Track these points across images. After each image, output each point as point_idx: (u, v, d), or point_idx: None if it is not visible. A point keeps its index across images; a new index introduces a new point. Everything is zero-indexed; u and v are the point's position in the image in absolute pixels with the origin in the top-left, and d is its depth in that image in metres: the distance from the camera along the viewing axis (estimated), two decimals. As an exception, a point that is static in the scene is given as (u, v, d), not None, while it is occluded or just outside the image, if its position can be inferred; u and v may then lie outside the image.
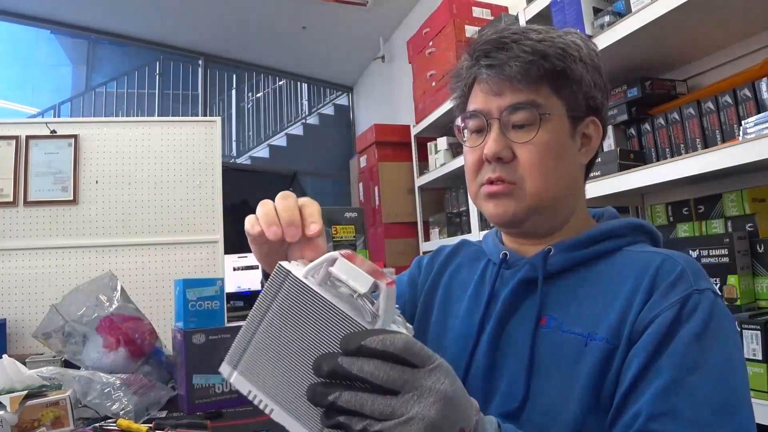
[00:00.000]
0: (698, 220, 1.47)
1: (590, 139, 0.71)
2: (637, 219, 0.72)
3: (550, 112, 0.66)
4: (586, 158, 0.72)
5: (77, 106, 4.87)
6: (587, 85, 0.67)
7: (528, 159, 0.65)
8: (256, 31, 4.25)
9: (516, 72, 0.64)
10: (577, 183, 0.72)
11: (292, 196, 0.56)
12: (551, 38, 0.66)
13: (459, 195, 2.79)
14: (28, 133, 2.12)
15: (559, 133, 0.67)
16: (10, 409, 0.99)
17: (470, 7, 2.56)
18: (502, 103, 0.66)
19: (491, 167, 0.67)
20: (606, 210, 0.76)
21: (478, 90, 0.69)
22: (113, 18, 4.02)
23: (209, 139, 2.29)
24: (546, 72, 0.65)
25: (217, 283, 1.37)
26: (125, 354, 1.33)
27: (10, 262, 2.03)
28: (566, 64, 0.65)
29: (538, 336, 0.64)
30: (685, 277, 0.59)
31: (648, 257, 0.63)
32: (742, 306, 1.23)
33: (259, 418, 1.20)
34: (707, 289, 0.59)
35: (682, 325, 0.56)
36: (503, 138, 0.66)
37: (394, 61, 4.26)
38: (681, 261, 0.61)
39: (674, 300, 0.57)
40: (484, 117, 0.68)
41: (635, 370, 0.56)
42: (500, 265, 0.73)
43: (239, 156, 5.54)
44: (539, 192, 0.66)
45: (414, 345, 0.41)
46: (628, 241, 0.68)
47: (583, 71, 0.67)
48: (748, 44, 1.43)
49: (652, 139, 1.52)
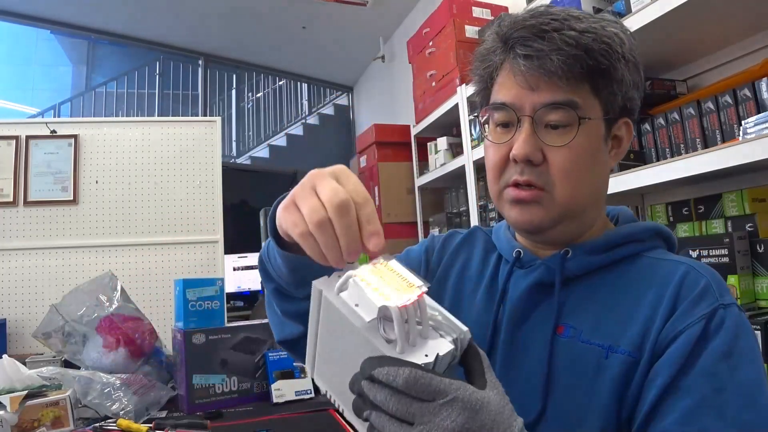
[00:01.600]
0: (698, 220, 1.47)
1: (621, 141, 0.66)
2: (656, 223, 0.68)
3: (589, 116, 0.60)
4: (615, 161, 0.67)
5: (77, 106, 4.87)
6: (627, 85, 0.62)
7: (561, 164, 0.60)
8: (256, 31, 4.25)
9: (557, 67, 0.57)
10: (605, 189, 0.67)
11: (349, 201, 0.46)
12: (594, 30, 0.59)
13: (459, 195, 2.78)
14: (28, 133, 2.12)
15: (594, 138, 0.62)
16: (10, 409, 0.99)
17: (470, 7, 2.56)
18: (537, 99, 0.60)
19: (518, 168, 0.61)
20: (621, 210, 0.72)
21: (509, 80, 0.62)
22: (113, 18, 4.02)
23: (209, 139, 2.29)
24: (589, 69, 0.58)
25: (217, 283, 1.37)
26: (125, 354, 1.33)
27: (10, 262, 2.03)
28: (610, 62, 0.59)
29: (555, 345, 0.61)
30: (710, 291, 0.56)
31: (671, 267, 0.60)
32: (742, 306, 1.23)
33: (259, 418, 1.20)
34: (732, 303, 0.56)
35: (709, 341, 0.54)
36: (535, 138, 0.60)
37: (394, 61, 4.26)
38: (705, 273, 0.58)
39: (701, 314, 0.55)
40: (515, 112, 0.61)
41: (660, 388, 0.53)
42: (513, 264, 0.69)
43: (239, 156, 5.55)
44: (569, 201, 0.61)
45: (417, 381, 0.40)
46: (648, 247, 0.65)
47: (625, 70, 0.61)
48: (748, 44, 1.43)
49: (652, 139, 1.52)
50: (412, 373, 0.40)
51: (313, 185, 0.48)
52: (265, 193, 3.85)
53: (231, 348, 1.33)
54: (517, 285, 0.67)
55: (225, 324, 1.39)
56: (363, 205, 0.47)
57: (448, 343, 0.45)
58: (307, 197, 0.48)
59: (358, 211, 0.47)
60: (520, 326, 0.65)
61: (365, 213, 0.47)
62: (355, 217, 0.46)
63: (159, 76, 5.02)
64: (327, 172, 0.50)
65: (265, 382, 1.35)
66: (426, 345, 0.44)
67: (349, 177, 0.49)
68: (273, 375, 1.35)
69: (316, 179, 0.49)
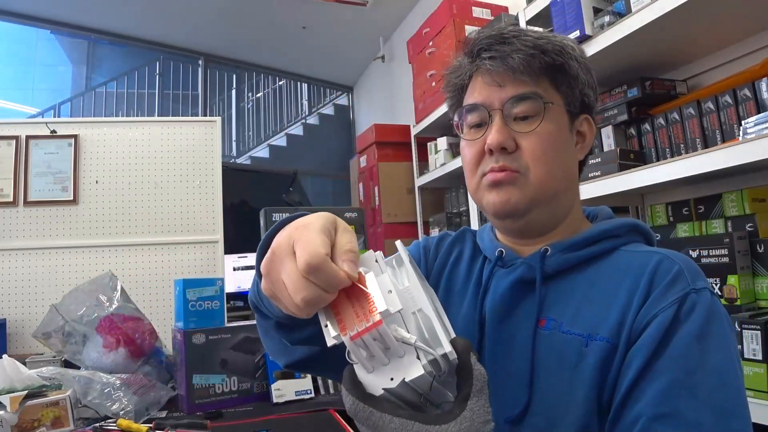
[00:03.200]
0: (698, 220, 1.47)
1: (584, 137, 0.72)
2: (632, 219, 0.71)
3: (553, 101, 0.67)
4: (582, 155, 0.73)
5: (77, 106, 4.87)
6: (582, 83, 0.69)
7: (532, 149, 0.65)
8: (256, 31, 4.25)
9: (519, 63, 0.65)
10: (575, 179, 0.72)
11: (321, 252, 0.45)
12: (548, 37, 0.68)
13: (459, 195, 2.78)
14: (28, 133, 2.12)
15: (560, 125, 0.68)
16: (10, 409, 0.99)
17: (470, 7, 2.56)
18: (504, 94, 0.67)
19: (493, 158, 0.67)
20: (601, 210, 0.76)
21: (478, 83, 0.70)
22: (113, 18, 4.02)
23: (209, 139, 2.30)
24: (546, 65, 0.66)
25: (217, 283, 1.37)
26: (125, 354, 1.33)
27: (10, 262, 2.03)
28: (565, 59, 0.67)
29: (537, 338, 0.63)
30: (682, 277, 0.59)
31: (645, 257, 0.63)
32: (742, 306, 1.23)
33: (259, 418, 1.20)
34: (704, 288, 0.59)
35: (681, 325, 0.56)
36: (507, 128, 0.66)
37: (394, 61, 4.26)
38: (678, 260, 0.61)
39: (672, 299, 0.57)
40: (485, 108, 0.68)
41: (635, 371, 0.56)
42: (495, 263, 0.72)
43: (239, 156, 5.54)
44: (543, 182, 0.66)
45: (357, 414, 0.44)
46: (624, 242, 0.68)
47: (579, 69, 0.68)
48: (748, 44, 1.43)
49: (652, 139, 1.52)
50: (353, 405, 0.44)
51: (290, 249, 0.47)
52: (265, 193, 3.86)
53: (231, 348, 1.33)
54: (499, 283, 0.70)
55: (225, 324, 1.39)
56: (341, 235, 0.49)
57: (420, 368, 0.45)
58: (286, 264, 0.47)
59: (333, 246, 0.47)
60: (504, 322, 0.67)
61: (341, 240, 0.48)
62: (329, 269, 0.45)
63: (159, 76, 5.02)
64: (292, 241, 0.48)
65: (265, 382, 1.35)
66: (400, 365, 0.45)
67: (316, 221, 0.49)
68: (273, 375, 1.35)
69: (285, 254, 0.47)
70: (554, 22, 1.62)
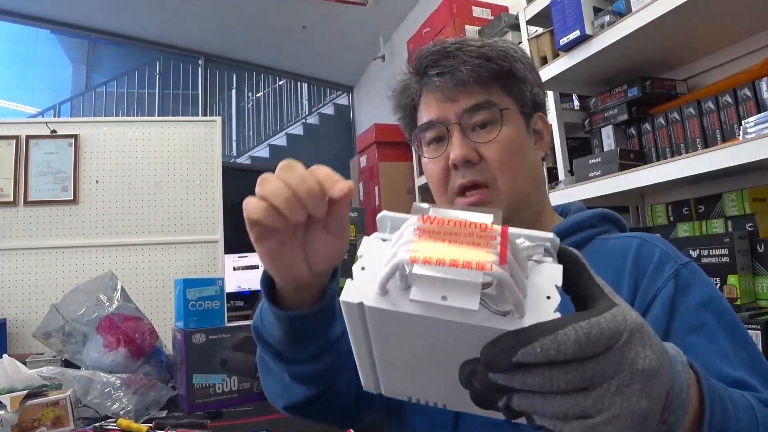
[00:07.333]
0: (698, 220, 1.47)
1: (542, 135, 0.74)
2: (602, 209, 0.72)
3: (508, 107, 0.68)
4: (542, 152, 0.74)
5: (77, 105, 4.87)
6: (531, 83, 0.70)
7: (496, 157, 0.66)
8: (256, 31, 4.26)
9: (467, 75, 0.65)
10: (542, 178, 0.74)
11: (298, 163, 0.46)
12: (489, 44, 0.69)
13: (459, 195, 2.79)
14: (28, 133, 2.12)
15: (518, 128, 0.69)
16: (10, 408, 0.99)
17: (470, 7, 2.56)
18: (458, 107, 0.67)
19: (460, 173, 0.67)
20: (573, 204, 0.77)
21: (429, 100, 0.70)
22: (113, 18, 4.02)
23: (209, 139, 2.29)
24: (495, 73, 0.67)
25: (217, 283, 1.37)
26: (125, 354, 1.33)
27: (10, 262, 2.03)
28: (510, 63, 0.68)
29: None
30: (666, 256, 0.62)
31: (624, 241, 0.65)
32: (742, 306, 1.23)
33: (259, 418, 1.20)
34: (689, 261, 0.63)
35: (685, 296, 0.58)
36: (467, 141, 0.67)
37: (394, 61, 4.26)
38: (655, 242, 0.64)
39: (666, 277, 0.60)
40: (443, 124, 0.68)
41: None
42: None
43: (239, 156, 5.55)
44: (513, 189, 0.67)
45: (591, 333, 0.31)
46: (599, 231, 0.69)
47: (525, 70, 0.70)
48: (748, 44, 1.43)
49: (652, 139, 1.52)
50: (580, 332, 0.31)
51: None
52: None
53: (231, 348, 1.33)
54: None
55: (225, 324, 1.39)
56: (316, 168, 0.47)
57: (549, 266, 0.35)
58: None
59: (314, 173, 0.46)
60: None
61: (319, 171, 0.47)
62: (306, 170, 0.46)
63: (159, 76, 5.02)
64: None
65: (265, 382, 1.35)
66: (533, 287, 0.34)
67: None
68: (273, 375, 1.35)
69: None
70: (554, 21, 1.62)
